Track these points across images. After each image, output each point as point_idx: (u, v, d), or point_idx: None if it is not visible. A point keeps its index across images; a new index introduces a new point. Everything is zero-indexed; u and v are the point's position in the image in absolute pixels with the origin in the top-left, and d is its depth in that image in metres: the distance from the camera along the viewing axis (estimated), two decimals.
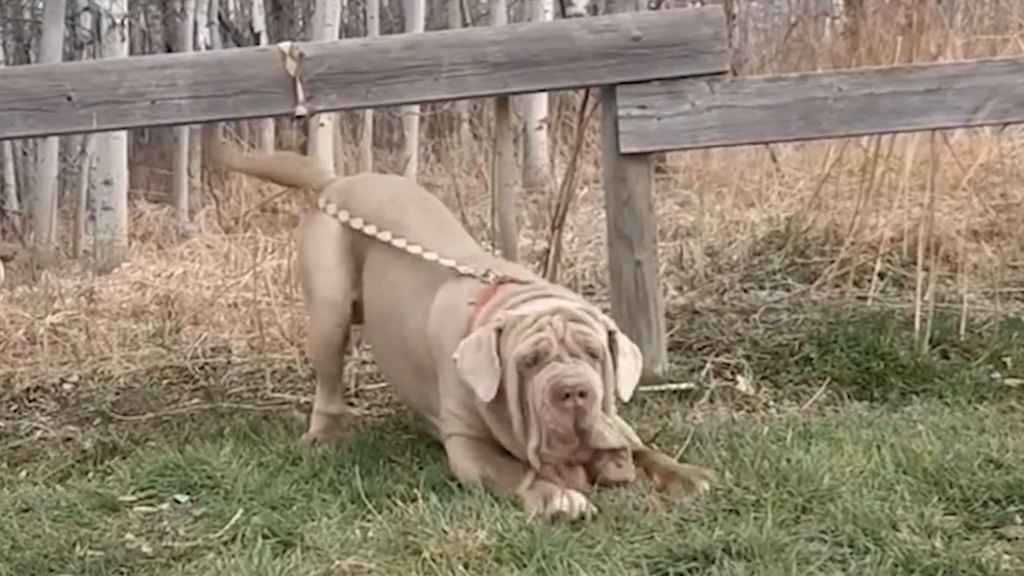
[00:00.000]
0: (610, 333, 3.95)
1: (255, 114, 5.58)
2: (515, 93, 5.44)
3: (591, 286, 6.59)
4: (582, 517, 3.60)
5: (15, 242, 10.52)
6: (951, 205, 7.06)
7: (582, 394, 3.74)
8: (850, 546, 3.33)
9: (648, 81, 5.05)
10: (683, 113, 5.05)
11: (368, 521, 3.64)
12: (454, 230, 4.73)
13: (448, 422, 4.13)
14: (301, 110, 4.96)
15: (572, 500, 3.64)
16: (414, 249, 4.43)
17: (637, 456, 3.95)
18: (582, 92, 5.65)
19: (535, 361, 3.81)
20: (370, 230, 4.58)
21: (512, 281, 4.16)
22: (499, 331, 3.90)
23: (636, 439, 4.10)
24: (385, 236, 4.53)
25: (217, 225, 9.91)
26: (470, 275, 4.24)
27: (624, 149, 5.04)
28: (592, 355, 3.85)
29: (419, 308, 4.33)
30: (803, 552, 3.27)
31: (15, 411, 5.44)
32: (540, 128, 11.40)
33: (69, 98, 4.93)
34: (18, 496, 4.18)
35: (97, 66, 5.24)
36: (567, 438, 3.75)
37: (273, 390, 5.44)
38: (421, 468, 4.14)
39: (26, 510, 4.03)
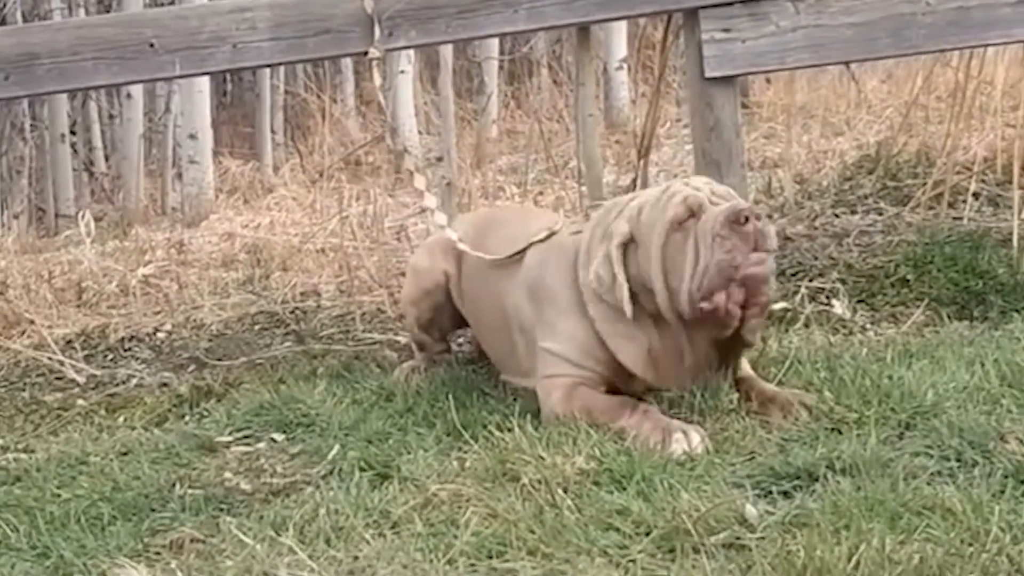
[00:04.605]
0: None
1: (336, 54, 5.58)
2: (596, 22, 5.36)
3: None
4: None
5: (104, 203, 10.62)
6: None
7: (758, 217, 3.67)
8: (957, 460, 3.26)
9: (731, 4, 4.93)
10: (768, 35, 4.94)
11: (464, 451, 3.62)
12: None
13: (545, 363, 4.00)
14: (373, 52, 4.92)
15: (691, 439, 3.51)
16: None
17: (739, 381, 3.89)
18: (662, 27, 5.57)
19: (691, 216, 3.71)
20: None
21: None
22: (624, 245, 3.81)
23: (745, 363, 4.04)
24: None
25: (302, 177, 9.94)
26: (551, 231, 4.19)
27: (709, 74, 4.94)
28: None
29: (511, 280, 4.26)
30: (909, 467, 3.20)
31: (111, 360, 5.49)
32: (620, 68, 11.29)
33: (151, 45, 4.95)
34: (117, 440, 4.23)
35: (178, 12, 5.25)
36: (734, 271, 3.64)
37: (363, 331, 5.43)
38: (515, 399, 4.10)
39: (125, 453, 4.07)
